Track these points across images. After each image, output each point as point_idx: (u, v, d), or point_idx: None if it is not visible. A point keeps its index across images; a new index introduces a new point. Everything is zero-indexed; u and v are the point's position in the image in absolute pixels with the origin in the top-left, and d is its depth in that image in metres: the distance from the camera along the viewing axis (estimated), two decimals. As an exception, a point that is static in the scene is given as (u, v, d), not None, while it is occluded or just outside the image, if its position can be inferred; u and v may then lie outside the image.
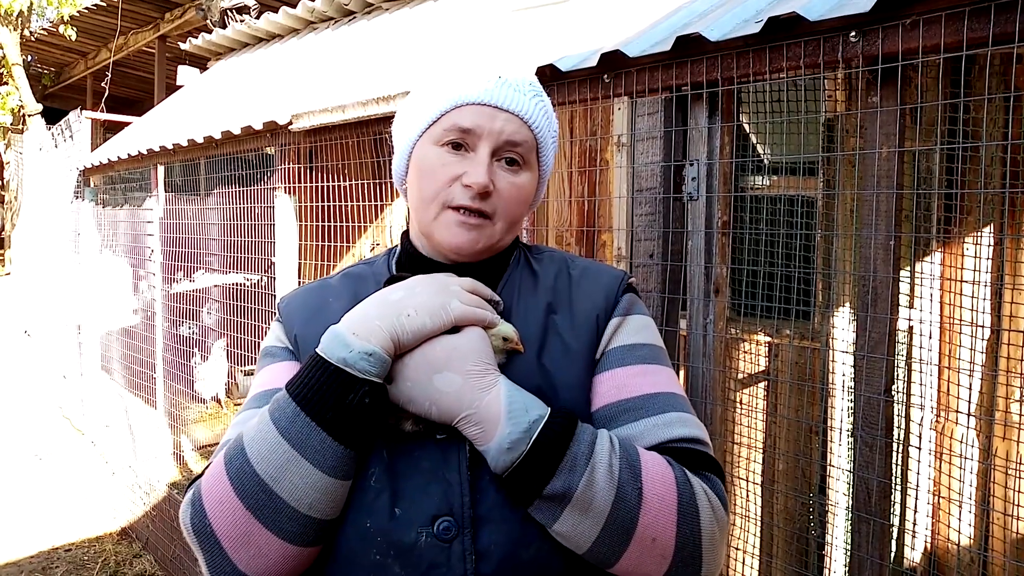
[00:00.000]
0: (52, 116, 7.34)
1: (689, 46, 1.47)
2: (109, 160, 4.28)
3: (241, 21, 5.09)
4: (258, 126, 2.69)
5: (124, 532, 4.12)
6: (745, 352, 2.28)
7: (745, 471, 1.92)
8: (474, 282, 0.85)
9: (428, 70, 2.54)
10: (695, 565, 0.75)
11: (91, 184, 4.89)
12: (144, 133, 4.61)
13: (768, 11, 1.41)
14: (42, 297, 6.81)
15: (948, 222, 2.02)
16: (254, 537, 0.72)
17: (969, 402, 1.99)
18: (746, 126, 2.15)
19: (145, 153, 3.72)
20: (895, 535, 2.02)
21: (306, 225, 2.79)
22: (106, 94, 7.80)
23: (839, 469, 1.97)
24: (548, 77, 1.74)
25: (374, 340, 0.75)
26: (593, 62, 1.61)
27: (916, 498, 2.07)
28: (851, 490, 1.48)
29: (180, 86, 5.75)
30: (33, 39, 8.96)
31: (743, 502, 1.92)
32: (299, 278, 2.82)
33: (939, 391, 2.08)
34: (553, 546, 0.76)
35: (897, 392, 2.03)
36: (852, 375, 1.65)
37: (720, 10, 1.60)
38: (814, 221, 2.16)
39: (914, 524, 2.08)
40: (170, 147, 3.44)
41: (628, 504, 0.73)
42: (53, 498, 4.46)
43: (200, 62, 5.96)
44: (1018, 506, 1.70)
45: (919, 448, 2.07)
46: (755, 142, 2.26)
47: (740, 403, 2.10)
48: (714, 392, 1.58)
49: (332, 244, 2.66)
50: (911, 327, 2.08)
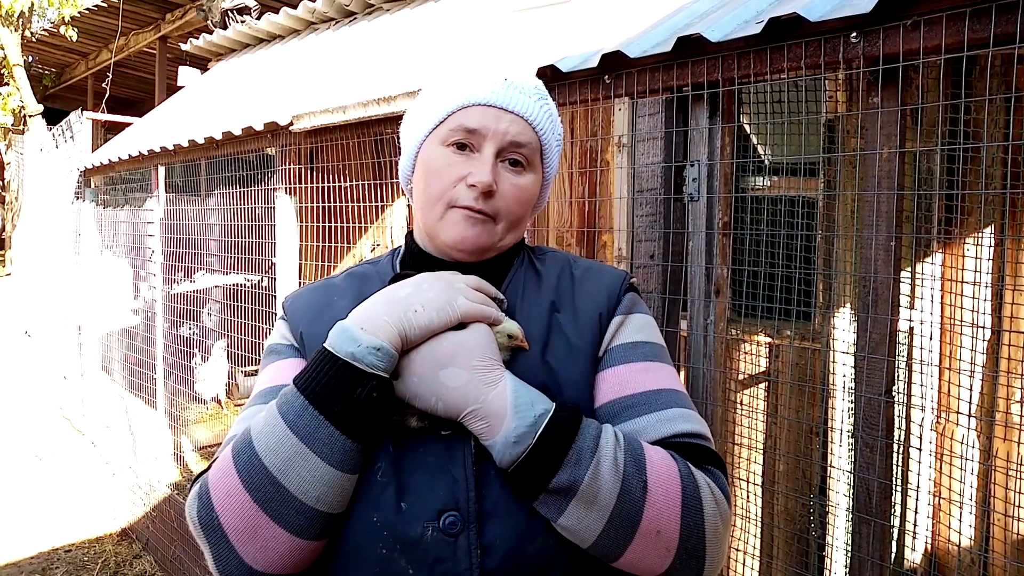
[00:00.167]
0: (53, 117, 7.35)
1: (690, 47, 1.47)
2: (110, 161, 4.28)
3: (242, 22, 5.09)
4: (259, 127, 2.69)
5: (124, 533, 4.12)
6: (746, 353, 2.28)
7: (746, 472, 1.92)
8: (479, 280, 0.86)
9: (432, 71, 2.54)
10: (699, 558, 0.76)
11: (92, 185, 4.89)
12: (145, 134, 4.61)
13: (769, 12, 1.41)
14: (43, 298, 6.81)
15: (949, 223, 2.02)
16: (261, 530, 0.73)
17: (970, 403, 1.99)
18: (747, 127, 2.15)
19: (146, 154, 3.72)
20: (895, 536, 2.02)
21: (307, 226, 2.79)
22: (107, 95, 7.79)
23: (839, 470, 1.96)
24: (549, 78, 1.74)
25: (382, 335, 0.76)
26: (594, 63, 1.61)
27: (917, 499, 2.07)
28: (852, 491, 1.48)
29: (181, 87, 5.75)
30: (34, 40, 8.96)
31: (743, 503, 1.92)
32: (300, 278, 2.82)
33: (940, 392, 2.08)
34: (558, 540, 0.77)
35: (898, 393, 2.03)
36: (853, 376, 1.65)
37: (721, 11, 1.60)
38: (815, 222, 2.16)
39: (915, 525, 2.08)
40: (171, 148, 3.44)
41: (633, 497, 0.73)
42: (53, 499, 4.46)
43: (201, 63, 5.96)
44: (1019, 507, 1.70)
45: (920, 449, 2.07)
46: (756, 143, 2.26)
47: (741, 404, 2.10)
48: (715, 393, 1.58)
49: (332, 245, 2.66)
50: (912, 328, 2.08)
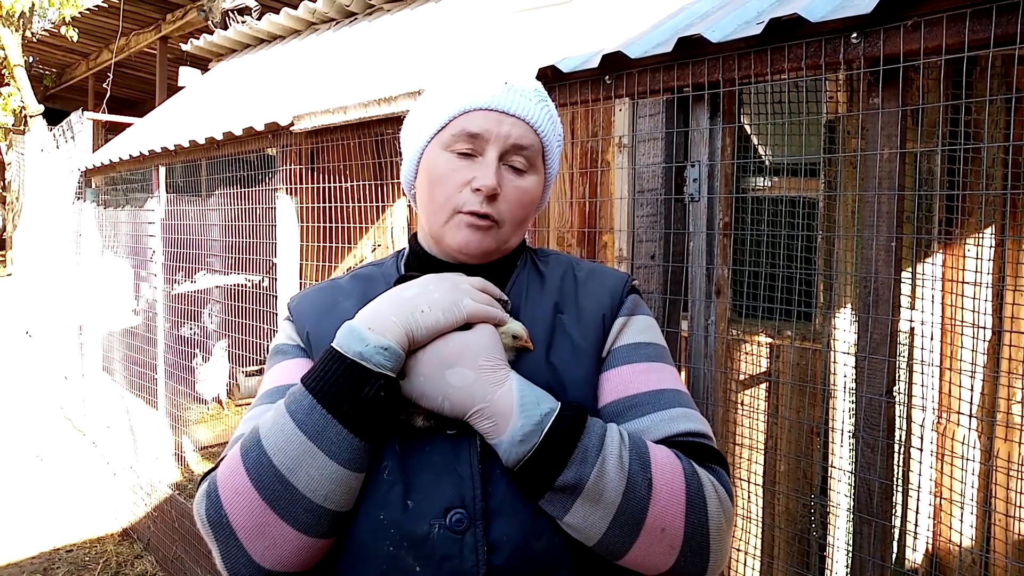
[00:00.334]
0: (53, 117, 7.36)
1: (691, 47, 1.47)
2: (110, 161, 4.28)
3: (242, 22, 5.10)
4: (260, 127, 2.70)
5: (125, 533, 4.12)
6: (746, 353, 2.28)
7: (746, 472, 1.92)
8: (484, 281, 0.87)
9: (433, 72, 2.54)
10: (703, 555, 0.76)
11: (92, 185, 4.89)
12: (145, 134, 4.62)
13: (770, 12, 1.41)
14: (44, 298, 6.81)
15: (949, 223, 2.02)
16: (270, 528, 0.73)
17: (971, 403, 1.99)
18: (748, 127, 2.15)
19: (146, 154, 3.72)
20: (896, 536, 2.02)
21: (307, 226, 2.79)
22: (107, 95, 7.81)
23: (840, 470, 1.96)
24: (550, 78, 1.74)
25: (389, 335, 0.76)
26: (595, 63, 1.61)
27: (918, 499, 2.07)
28: (853, 491, 1.48)
29: (181, 87, 5.75)
30: (35, 40, 8.98)
31: (744, 503, 1.92)
32: (300, 279, 2.82)
33: (940, 392, 2.08)
34: (564, 538, 0.78)
35: (898, 393, 2.03)
36: (853, 376, 1.65)
37: (721, 11, 1.60)
38: (815, 222, 2.16)
39: (916, 525, 2.08)
40: (171, 148, 3.45)
41: (638, 495, 0.74)
42: (54, 499, 4.47)
43: (201, 63, 5.97)
44: (1020, 507, 1.70)
45: (920, 449, 2.07)
46: (757, 143, 2.26)
47: (741, 404, 2.10)
48: (715, 393, 1.58)
49: (333, 245, 2.66)
50: (912, 328, 2.08)
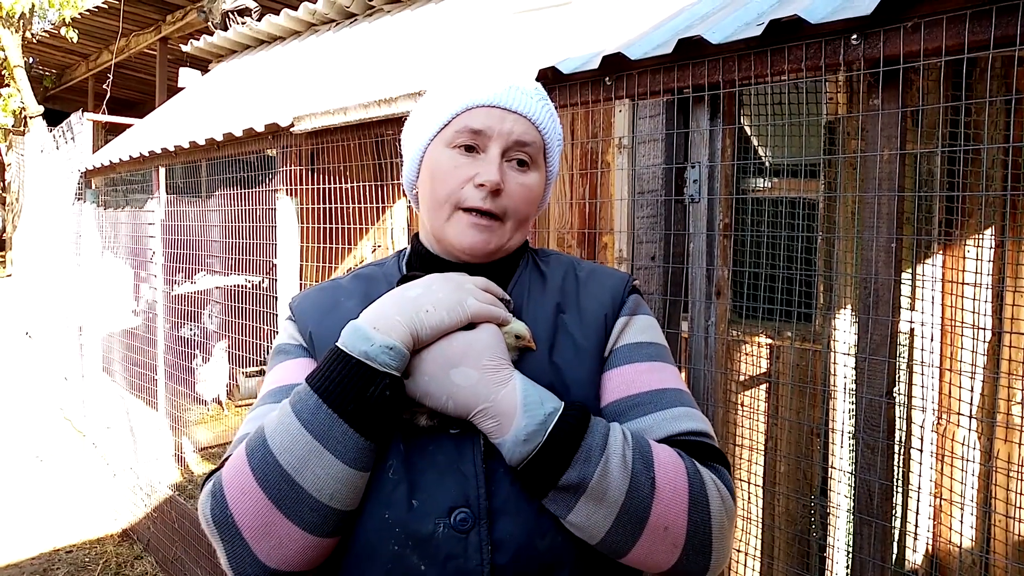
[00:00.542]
0: (53, 118, 7.36)
1: (691, 49, 1.47)
2: (110, 162, 4.28)
3: (242, 23, 5.10)
4: (260, 128, 2.70)
5: (125, 533, 4.12)
6: (747, 354, 2.28)
7: (747, 473, 1.92)
8: (487, 281, 0.87)
9: (433, 73, 2.54)
10: (705, 553, 0.77)
11: (92, 186, 4.89)
12: (145, 135, 4.62)
13: (770, 14, 1.41)
14: (43, 299, 6.81)
15: (949, 224, 2.02)
16: (275, 527, 0.73)
17: (971, 404, 1.99)
18: (748, 128, 2.15)
19: (147, 155, 3.72)
20: (897, 537, 2.02)
21: (307, 227, 2.79)
22: (107, 96, 7.81)
23: (840, 471, 1.97)
24: (550, 79, 1.74)
25: (394, 335, 0.77)
26: (595, 64, 1.61)
27: (918, 500, 2.07)
28: (852, 492, 1.48)
29: (181, 88, 5.75)
30: (35, 41, 8.98)
31: (744, 504, 1.92)
32: (300, 279, 2.82)
33: (940, 393, 2.08)
34: (567, 537, 0.78)
35: (898, 394, 2.03)
36: (853, 377, 1.65)
37: (722, 13, 1.60)
38: (815, 223, 2.16)
39: (916, 526, 2.08)
40: (171, 149, 3.45)
41: (641, 494, 0.74)
42: (54, 499, 4.46)
43: (201, 64, 5.97)
44: (1020, 508, 1.70)
45: (920, 450, 2.07)
46: (757, 144, 2.26)
47: (742, 405, 2.10)
48: (715, 394, 1.58)
49: (333, 246, 2.66)
50: (912, 329, 2.08)
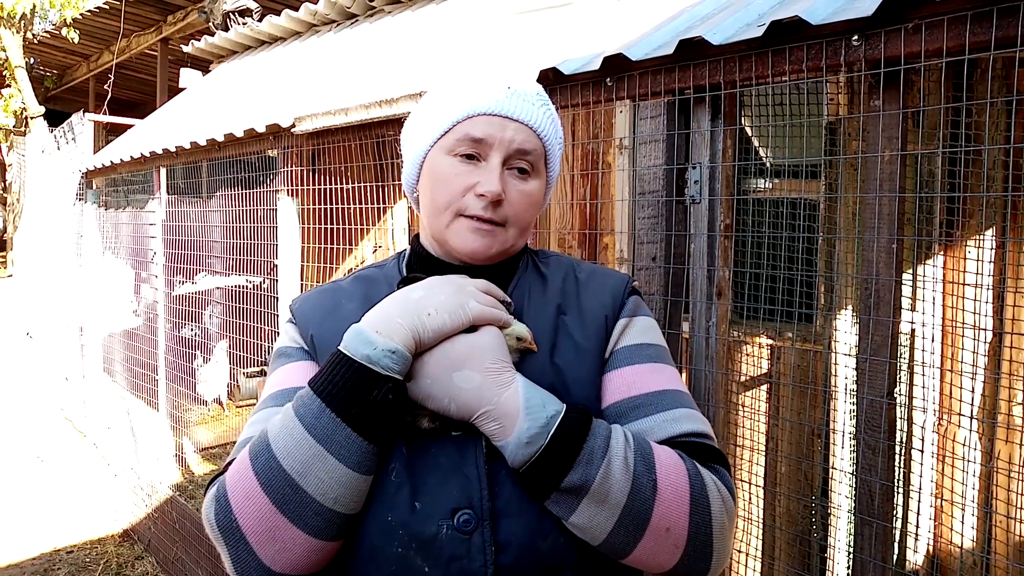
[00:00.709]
0: (54, 118, 7.37)
1: (692, 50, 1.47)
2: (111, 162, 4.28)
3: (243, 24, 5.10)
4: (261, 129, 2.70)
5: (126, 534, 4.12)
6: (747, 355, 2.28)
7: (747, 474, 1.92)
8: (488, 283, 0.87)
9: (434, 74, 2.54)
10: (706, 554, 0.77)
11: (93, 186, 4.90)
12: (146, 135, 4.62)
13: (771, 15, 1.41)
14: (44, 299, 6.81)
15: (950, 225, 2.02)
16: (280, 531, 0.74)
17: (971, 405, 1.99)
18: (748, 129, 2.15)
19: (147, 155, 3.72)
20: (897, 538, 2.02)
21: (308, 227, 2.79)
22: (108, 96, 7.81)
23: (841, 472, 1.97)
24: (551, 80, 1.74)
25: (396, 338, 0.77)
26: (596, 65, 1.61)
27: (919, 501, 2.07)
28: (853, 493, 1.48)
29: (182, 88, 5.75)
30: (36, 41, 8.98)
31: (745, 504, 1.92)
32: (301, 280, 2.82)
33: (941, 394, 2.08)
34: (569, 538, 0.78)
35: (899, 395, 2.03)
36: (854, 378, 1.65)
37: (723, 14, 1.60)
38: (816, 224, 2.16)
39: (916, 527, 2.08)
40: (172, 149, 3.45)
41: (643, 495, 0.75)
42: (55, 500, 4.47)
43: (202, 64, 5.97)
44: (1021, 508, 1.70)
45: (921, 451, 2.07)
46: (757, 145, 2.26)
47: (742, 406, 2.10)
48: (716, 395, 1.58)
49: (334, 246, 2.66)
50: (913, 330, 2.08)
